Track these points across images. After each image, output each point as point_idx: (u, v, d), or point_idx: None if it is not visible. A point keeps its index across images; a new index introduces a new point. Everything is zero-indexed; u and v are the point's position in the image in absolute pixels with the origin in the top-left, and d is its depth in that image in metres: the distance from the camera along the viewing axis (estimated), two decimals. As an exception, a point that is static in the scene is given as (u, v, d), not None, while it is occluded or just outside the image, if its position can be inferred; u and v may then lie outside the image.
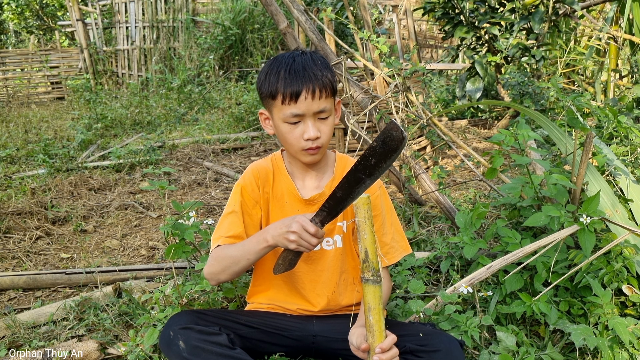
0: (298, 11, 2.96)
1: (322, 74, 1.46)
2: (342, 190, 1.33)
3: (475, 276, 1.84)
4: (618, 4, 5.59)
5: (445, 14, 5.57)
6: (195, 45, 9.17)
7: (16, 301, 2.45)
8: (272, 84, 1.47)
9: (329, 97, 1.49)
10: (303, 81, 1.44)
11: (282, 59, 1.49)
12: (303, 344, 1.61)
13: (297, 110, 1.45)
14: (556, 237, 1.79)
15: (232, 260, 1.49)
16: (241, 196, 1.61)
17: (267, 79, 1.49)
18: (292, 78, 1.44)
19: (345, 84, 2.95)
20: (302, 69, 1.45)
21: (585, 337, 1.59)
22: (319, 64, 1.49)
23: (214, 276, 1.55)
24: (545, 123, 2.29)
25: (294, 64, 1.46)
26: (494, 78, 5.46)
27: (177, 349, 1.40)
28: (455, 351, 1.40)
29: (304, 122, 1.48)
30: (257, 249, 1.45)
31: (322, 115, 1.49)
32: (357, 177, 1.29)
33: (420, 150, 4.01)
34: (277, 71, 1.47)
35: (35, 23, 15.16)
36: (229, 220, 1.59)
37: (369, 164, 1.27)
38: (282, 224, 1.40)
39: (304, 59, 1.48)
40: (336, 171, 1.64)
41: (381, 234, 1.64)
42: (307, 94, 1.44)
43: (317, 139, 1.49)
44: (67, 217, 3.50)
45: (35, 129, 6.52)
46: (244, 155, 5.10)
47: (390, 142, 1.23)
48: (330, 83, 1.48)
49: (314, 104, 1.45)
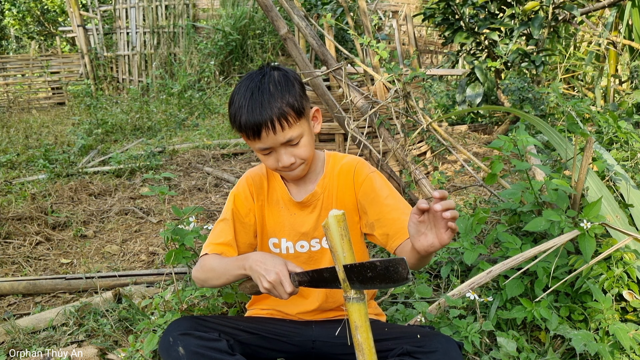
0: (298, 17, 2.97)
1: (281, 102, 1.41)
2: (330, 273, 1.27)
3: (475, 281, 1.84)
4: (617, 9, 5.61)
5: (445, 20, 5.59)
6: (195, 50, 9.19)
7: (16, 307, 2.44)
8: (236, 121, 1.44)
9: (295, 122, 1.44)
10: (261, 117, 1.39)
11: (242, 90, 1.46)
12: (303, 349, 1.61)
13: (263, 145, 1.44)
14: (556, 242, 1.79)
15: (214, 274, 1.52)
16: (234, 204, 1.64)
17: (231, 112, 1.47)
18: (249, 115, 1.41)
19: (346, 90, 2.95)
20: (259, 104, 1.40)
21: (586, 343, 1.59)
22: (279, 90, 1.43)
23: (199, 282, 1.59)
24: (545, 128, 2.30)
25: (251, 99, 1.42)
26: (494, 83, 5.47)
27: (176, 355, 1.40)
28: (452, 352, 1.39)
29: (276, 152, 1.47)
30: (235, 272, 1.45)
31: (291, 143, 1.46)
32: (349, 275, 1.21)
33: (420, 156, 4.01)
34: (239, 106, 1.44)
35: (36, 29, 15.20)
36: (220, 227, 1.62)
37: (365, 275, 1.19)
38: (263, 263, 1.36)
39: (262, 88, 1.43)
40: (326, 169, 1.64)
41: (388, 210, 1.55)
42: (267, 131, 1.41)
43: (292, 164, 1.48)
44: (67, 222, 3.50)
45: (36, 134, 6.53)
46: (244, 161, 5.10)
47: (393, 273, 1.16)
48: (291, 108, 1.43)
49: (279, 137, 1.42)
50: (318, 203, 1.61)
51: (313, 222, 1.62)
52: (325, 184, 1.62)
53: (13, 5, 14.69)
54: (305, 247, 1.63)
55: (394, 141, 3.04)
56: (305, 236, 1.62)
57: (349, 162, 1.63)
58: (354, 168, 1.62)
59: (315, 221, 1.62)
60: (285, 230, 1.62)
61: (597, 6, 5.33)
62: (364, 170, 1.61)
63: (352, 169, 1.62)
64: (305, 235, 1.62)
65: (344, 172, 1.62)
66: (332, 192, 1.62)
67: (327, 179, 1.62)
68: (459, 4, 5.47)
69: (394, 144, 3.02)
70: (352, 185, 1.61)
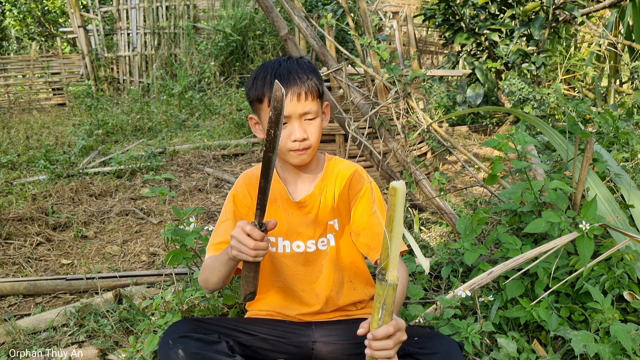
0: (299, 18, 2.97)
1: (307, 77, 1.49)
2: (262, 178, 1.27)
3: (476, 282, 1.84)
4: (618, 10, 5.61)
5: (446, 21, 5.59)
6: (196, 51, 9.20)
7: (16, 307, 2.45)
8: (259, 88, 1.50)
9: (315, 100, 1.51)
10: (287, 84, 1.47)
11: (268, 65, 1.53)
12: (303, 350, 1.61)
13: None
14: (557, 244, 1.79)
15: (210, 271, 1.53)
16: (234, 204, 1.65)
17: (254, 84, 1.53)
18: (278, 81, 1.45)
19: (346, 90, 2.96)
20: (287, 73, 1.49)
21: (586, 344, 1.59)
22: (305, 68, 1.52)
23: (203, 284, 1.59)
24: (546, 129, 2.30)
25: (279, 69, 1.50)
26: (495, 84, 5.47)
27: (176, 358, 1.40)
28: (454, 353, 1.39)
29: (291, 124, 1.50)
30: (223, 259, 1.45)
31: (308, 116, 1.51)
32: (267, 156, 1.24)
33: (420, 157, 4.01)
34: (264, 76, 1.50)
35: (37, 30, 15.21)
36: (222, 228, 1.62)
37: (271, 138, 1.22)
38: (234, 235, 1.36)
39: (290, 64, 1.52)
40: (325, 171, 1.65)
41: (372, 225, 1.58)
42: (292, 96, 1.47)
43: (305, 140, 1.51)
44: (68, 223, 3.50)
45: (37, 135, 6.53)
46: (245, 161, 5.10)
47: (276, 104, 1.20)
48: (315, 86, 1.51)
49: (299, 106, 1.48)
50: (315, 204, 1.62)
51: (310, 222, 1.62)
52: (323, 186, 1.63)
53: (14, 6, 14.70)
54: (301, 247, 1.64)
55: (395, 142, 3.04)
56: (301, 236, 1.63)
57: (348, 168, 1.65)
58: (352, 175, 1.64)
59: (312, 222, 1.62)
60: (282, 229, 1.63)
61: (598, 7, 5.33)
62: (361, 180, 1.63)
63: (350, 174, 1.63)
64: (301, 235, 1.63)
65: (342, 177, 1.64)
66: (329, 195, 1.63)
67: (325, 181, 1.63)
68: (460, 4, 5.47)
69: (395, 144, 3.02)
70: (347, 190, 1.63)
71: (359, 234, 1.61)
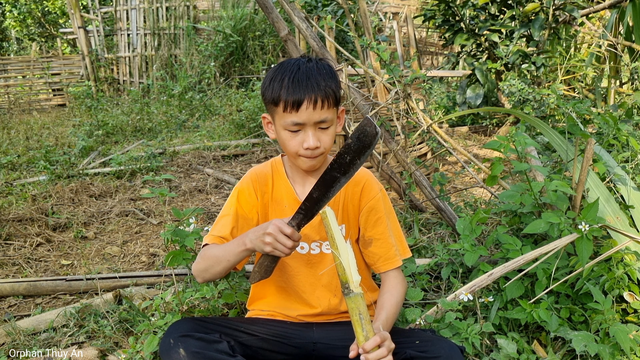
0: (299, 19, 2.97)
1: (325, 83, 1.45)
2: (318, 191, 1.32)
3: (476, 283, 1.84)
4: (618, 11, 5.61)
5: (446, 21, 5.59)
6: (196, 52, 9.20)
7: (16, 308, 2.45)
8: (275, 91, 1.46)
9: (332, 107, 1.48)
10: (305, 90, 1.42)
11: (287, 66, 1.49)
12: (303, 351, 1.61)
13: (297, 119, 1.45)
14: (557, 245, 1.79)
15: (214, 260, 1.52)
16: (237, 200, 1.64)
17: (271, 84, 1.48)
18: (295, 86, 1.43)
19: (346, 91, 2.96)
20: (305, 78, 1.44)
21: (586, 344, 1.59)
22: (324, 73, 1.47)
23: (200, 273, 1.57)
24: (546, 130, 2.30)
25: (298, 72, 1.45)
26: (494, 85, 5.47)
27: (177, 357, 1.40)
28: (455, 357, 1.39)
29: (304, 131, 1.47)
30: (236, 251, 1.45)
31: (323, 125, 1.48)
32: (332, 175, 1.28)
33: (420, 157, 4.01)
34: (282, 78, 1.46)
35: (37, 30, 15.21)
36: (222, 222, 1.62)
37: (344, 162, 1.26)
38: (260, 227, 1.40)
39: (309, 67, 1.47)
40: None
41: (386, 236, 1.64)
42: (309, 103, 1.43)
43: (317, 148, 1.48)
44: (68, 223, 3.50)
45: (37, 135, 6.53)
46: (245, 162, 5.10)
47: (364, 138, 1.23)
48: (333, 93, 1.47)
49: (315, 114, 1.45)
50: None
51: (315, 225, 1.62)
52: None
53: (14, 7, 14.71)
54: (305, 248, 1.64)
55: (395, 142, 3.04)
56: (306, 238, 1.62)
57: (359, 173, 1.63)
58: (363, 182, 1.63)
59: (318, 225, 1.62)
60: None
61: (598, 8, 5.34)
62: (374, 187, 1.63)
63: (362, 182, 1.63)
64: (306, 237, 1.62)
65: (352, 183, 1.62)
66: (337, 199, 1.62)
67: None
68: (460, 5, 5.47)
69: (395, 145, 3.02)
70: (358, 198, 1.63)
71: (370, 243, 1.62)
